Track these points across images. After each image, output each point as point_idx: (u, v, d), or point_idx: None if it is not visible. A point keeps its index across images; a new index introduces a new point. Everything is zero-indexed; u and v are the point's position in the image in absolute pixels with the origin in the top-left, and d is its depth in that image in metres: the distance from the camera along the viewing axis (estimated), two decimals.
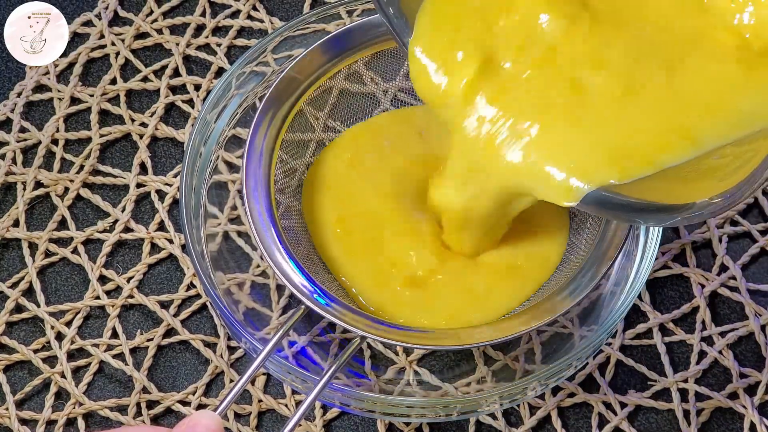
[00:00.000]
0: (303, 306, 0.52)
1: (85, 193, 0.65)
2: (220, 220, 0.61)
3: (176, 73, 0.68)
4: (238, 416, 0.60)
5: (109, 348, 0.61)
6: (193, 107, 0.67)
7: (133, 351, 0.61)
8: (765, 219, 0.64)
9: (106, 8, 0.69)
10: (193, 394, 0.60)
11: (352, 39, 0.59)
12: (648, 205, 0.50)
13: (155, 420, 0.60)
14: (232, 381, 0.60)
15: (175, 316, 0.61)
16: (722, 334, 0.61)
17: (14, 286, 0.63)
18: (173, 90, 0.68)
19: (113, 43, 0.69)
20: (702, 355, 0.60)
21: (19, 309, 0.62)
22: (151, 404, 0.60)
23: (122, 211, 0.64)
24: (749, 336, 0.61)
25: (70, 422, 0.60)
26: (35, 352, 0.61)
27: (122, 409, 0.60)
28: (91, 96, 0.67)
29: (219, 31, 0.69)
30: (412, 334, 0.53)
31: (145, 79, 0.68)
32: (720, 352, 0.60)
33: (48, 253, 0.63)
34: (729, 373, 0.60)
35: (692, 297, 0.62)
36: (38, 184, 0.65)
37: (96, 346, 0.61)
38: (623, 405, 0.59)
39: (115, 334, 0.61)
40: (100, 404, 0.59)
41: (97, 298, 0.62)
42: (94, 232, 0.63)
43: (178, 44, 0.68)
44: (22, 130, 0.66)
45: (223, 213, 0.61)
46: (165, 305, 0.62)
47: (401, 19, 0.53)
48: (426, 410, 0.55)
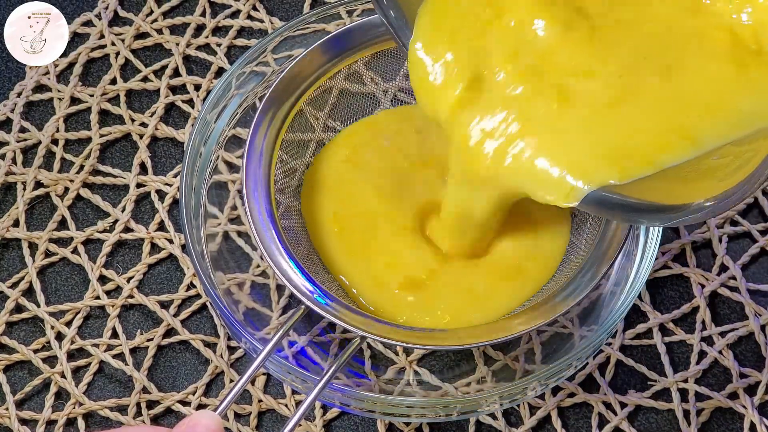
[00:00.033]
0: (303, 306, 0.52)
1: (85, 193, 0.65)
2: (220, 220, 0.61)
3: (176, 73, 0.68)
4: (238, 416, 0.60)
5: (109, 348, 0.61)
6: (193, 107, 0.67)
7: (133, 351, 0.61)
8: (765, 219, 0.64)
9: (106, 8, 0.69)
10: (193, 394, 0.60)
11: (352, 39, 0.59)
12: (648, 206, 0.50)
13: (155, 420, 0.60)
14: (232, 381, 0.60)
15: (175, 316, 0.61)
16: (722, 334, 0.61)
17: (14, 286, 0.62)
18: (173, 90, 0.67)
19: (113, 43, 0.68)
20: (702, 355, 0.60)
21: (19, 309, 0.62)
22: (151, 404, 0.60)
23: (122, 211, 0.64)
24: (749, 336, 0.61)
25: (70, 422, 0.60)
26: (35, 352, 0.61)
27: (122, 409, 0.60)
28: (91, 96, 0.67)
29: (219, 31, 0.69)
30: (412, 334, 0.53)
31: (145, 79, 0.68)
32: (720, 352, 0.60)
33: (48, 253, 0.63)
34: (729, 373, 0.60)
35: (692, 297, 0.62)
36: (38, 184, 0.65)
37: (96, 346, 0.61)
38: (623, 405, 0.59)
39: (115, 334, 0.61)
40: (100, 404, 0.59)
41: (97, 298, 0.62)
42: (94, 232, 0.63)
43: (178, 44, 0.68)
44: (22, 130, 0.66)
45: (223, 213, 0.61)
46: (165, 305, 0.62)
47: (401, 20, 0.53)
48: (426, 410, 0.55)
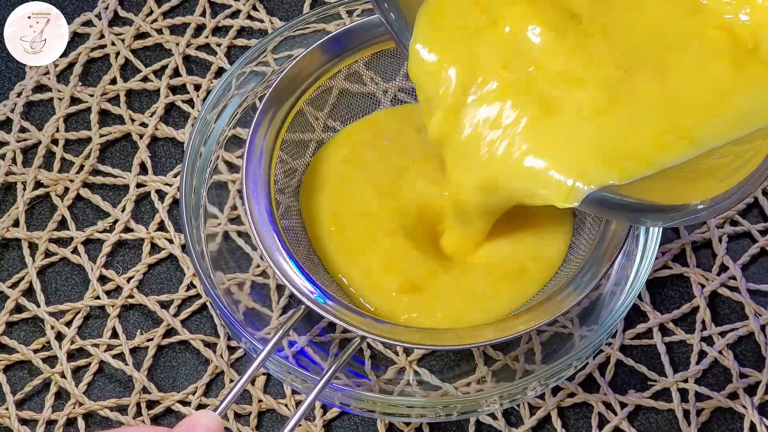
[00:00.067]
0: (303, 306, 0.52)
1: (85, 193, 0.64)
2: (220, 220, 0.61)
3: (176, 73, 0.68)
4: (238, 416, 0.60)
5: (109, 348, 0.61)
6: (193, 107, 0.67)
7: (133, 351, 0.61)
8: (765, 219, 0.64)
9: (106, 8, 0.69)
10: (193, 394, 0.60)
11: (352, 39, 0.59)
12: (648, 206, 0.50)
13: (155, 420, 0.60)
14: (232, 381, 0.60)
15: (175, 316, 0.61)
16: (722, 334, 0.61)
17: (14, 286, 0.62)
18: (173, 90, 0.67)
19: (113, 43, 0.68)
20: (702, 355, 0.60)
21: (19, 309, 0.62)
22: (151, 404, 0.60)
23: (122, 211, 0.64)
24: (749, 336, 0.61)
25: (70, 422, 0.60)
26: (35, 352, 0.61)
27: (122, 409, 0.60)
28: (91, 96, 0.67)
29: (219, 31, 0.69)
30: (412, 334, 0.53)
31: (145, 79, 0.68)
32: (720, 352, 0.60)
33: (48, 253, 0.63)
34: (729, 373, 0.60)
35: (692, 297, 0.62)
36: (38, 184, 0.65)
37: (96, 346, 0.61)
38: (623, 405, 0.59)
39: (115, 334, 0.61)
40: (100, 404, 0.59)
41: (97, 298, 0.62)
42: (94, 232, 0.63)
43: (178, 44, 0.68)
44: (22, 130, 0.66)
45: (223, 213, 0.61)
46: (165, 305, 0.62)
47: (401, 22, 0.53)
48: (426, 410, 0.55)
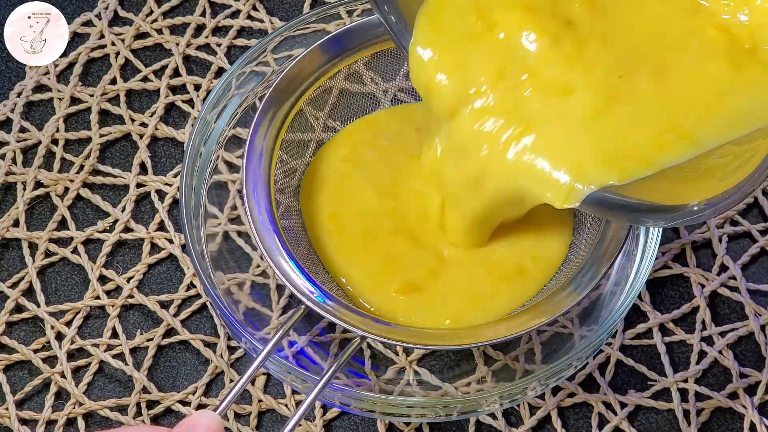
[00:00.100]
0: (303, 306, 0.52)
1: (85, 193, 0.64)
2: (220, 220, 0.61)
3: (176, 73, 0.68)
4: (238, 416, 0.60)
5: (109, 348, 0.61)
6: (193, 107, 0.67)
7: (133, 351, 0.61)
8: (765, 219, 0.64)
9: (106, 8, 0.69)
10: (193, 394, 0.60)
11: (352, 39, 0.59)
12: (648, 206, 0.50)
13: (155, 420, 0.60)
14: (232, 381, 0.60)
15: (175, 316, 0.61)
16: (722, 334, 0.61)
17: (14, 286, 0.62)
18: (173, 90, 0.67)
19: (113, 43, 0.68)
20: (702, 355, 0.60)
21: (19, 309, 0.62)
22: (151, 404, 0.60)
23: (122, 211, 0.64)
24: (749, 336, 0.61)
25: (70, 422, 0.60)
26: (35, 352, 0.61)
27: (122, 409, 0.60)
28: (91, 96, 0.67)
29: (219, 31, 0.69)
30: (412, 334, 0.53)
31: (145, 79, 0.68)
32: (720, 352, 0.60)
33: (48, 253, 0.63)
34: (729, 373, 0.60)
35: (692, 297, 0.62)
36: (38, 184, 0.65)
37: (96, 346, 0.61)
38: (623, 405, 0.59)
39: (115, 334, 0.61)
40: (100, 404, 0.59)
41: (97, 298, 0.62)
42: (94, 232, 0.63)
43: (178, 44, 0.68)
44: (22, 130, 0.66)
45: (223, 213, 0.61)
46: (165, 305, 0.62)
47: (401, 23, 0.53)
48: (426, 410, 0.55)
